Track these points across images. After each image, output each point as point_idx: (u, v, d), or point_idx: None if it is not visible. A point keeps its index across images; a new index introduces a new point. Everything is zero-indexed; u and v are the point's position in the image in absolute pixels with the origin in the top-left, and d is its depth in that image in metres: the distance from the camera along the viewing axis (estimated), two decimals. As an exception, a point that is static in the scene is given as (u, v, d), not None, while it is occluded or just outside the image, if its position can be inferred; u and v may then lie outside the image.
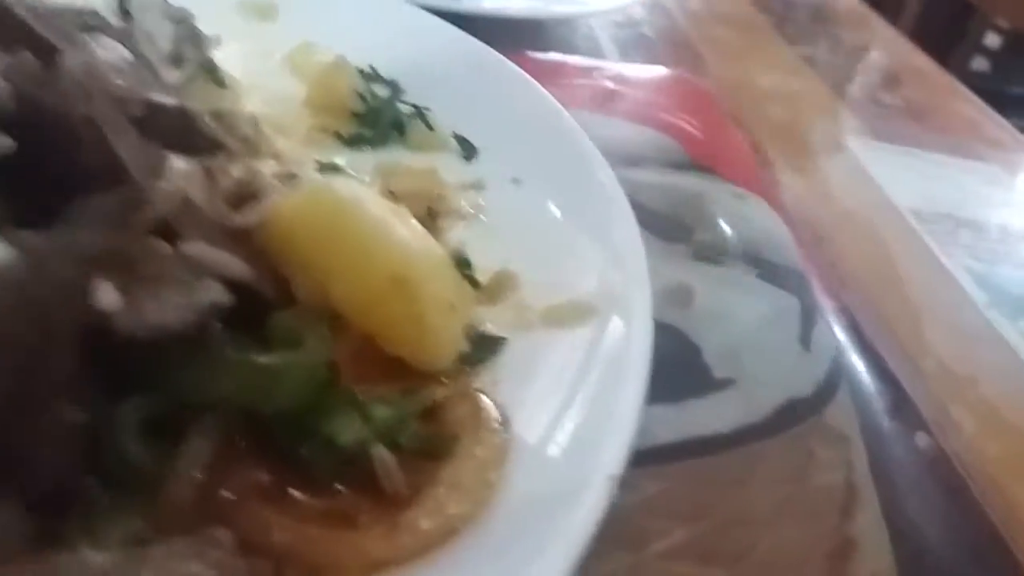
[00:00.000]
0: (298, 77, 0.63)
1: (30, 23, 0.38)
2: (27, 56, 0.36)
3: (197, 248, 0.34)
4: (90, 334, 0.27)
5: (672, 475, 0.41)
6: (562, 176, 0.55)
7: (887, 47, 1.23)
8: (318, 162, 0.54)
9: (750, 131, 0.87)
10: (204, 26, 0.56)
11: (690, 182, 0.66)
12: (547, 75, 0.70)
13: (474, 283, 0.44)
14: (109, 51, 0.40)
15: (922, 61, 1.20)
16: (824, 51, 1.14)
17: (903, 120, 1.01)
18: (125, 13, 0.52)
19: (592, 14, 0.93)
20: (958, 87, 1.14)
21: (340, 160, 0.56)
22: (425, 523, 0.31)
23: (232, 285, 0.35)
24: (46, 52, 0.37)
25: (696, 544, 0.39)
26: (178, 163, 0.36)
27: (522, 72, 0.67)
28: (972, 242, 0.72)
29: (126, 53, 0.40)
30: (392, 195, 0.51)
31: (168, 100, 0.41)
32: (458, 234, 0.51)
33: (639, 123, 0.77)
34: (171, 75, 0.49)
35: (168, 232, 0.34)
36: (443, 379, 0.40)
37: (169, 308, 0.30)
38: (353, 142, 0.58)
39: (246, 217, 0.39)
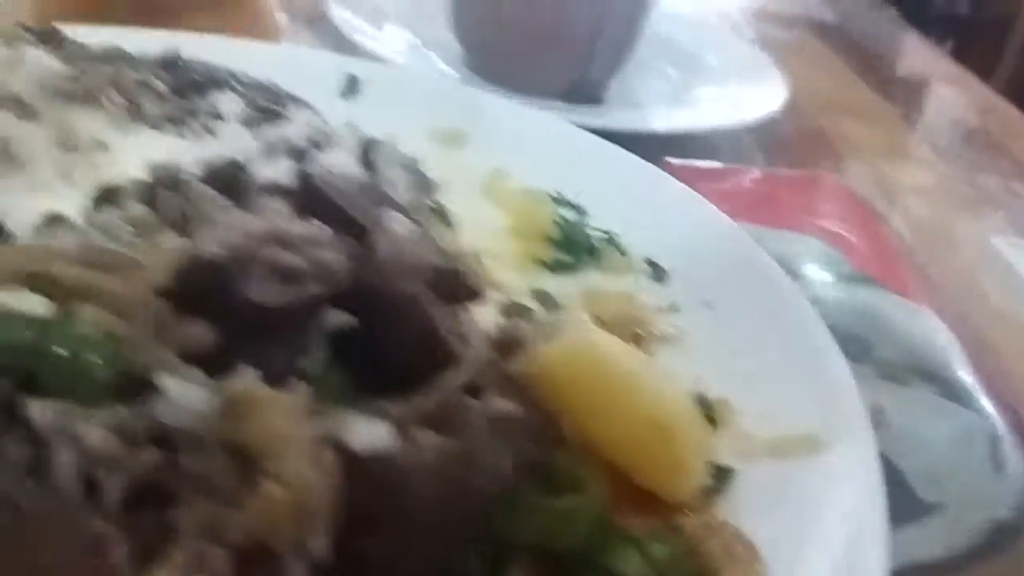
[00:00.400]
0: (494, 204, 0.70)
1: (343, 206, 0.45)
2: (349, 239, 0.43)
3: (502, 404, 0.40)
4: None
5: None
6: (753, 298, 0.60)
7: (1013, 133, 1.25)
8: (532, 290, 0.60)
9: (896, 230, 0.90)
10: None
11: (859, 295, 0.69)
12: (690, 181, 0.74)
13: (711, 421, 0.49)
14: (399, 224, 0.46)
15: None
16: (955, 141, 1.17)
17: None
18: (369, 165, 0.60)
19: (737, 127, 0.98)
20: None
21: (547, 286, 0.62)
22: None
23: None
24: (358, 231, 0.44)
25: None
26: (473, 324, 0.43)
27: (694, 192, 0.72)
28: None
29: (412, 224, 0.47)
30: (600, 321, 0.57)
31: (442, 260, 0.47)
32: (664, 358, 0.57)
33: (795, 231, 0.81)
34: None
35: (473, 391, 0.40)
36: (687, 510, 0.45)
37: (496, 467, 0.36)
38: (554, 267, 0.64)
39: (517, 365, 0.45)
